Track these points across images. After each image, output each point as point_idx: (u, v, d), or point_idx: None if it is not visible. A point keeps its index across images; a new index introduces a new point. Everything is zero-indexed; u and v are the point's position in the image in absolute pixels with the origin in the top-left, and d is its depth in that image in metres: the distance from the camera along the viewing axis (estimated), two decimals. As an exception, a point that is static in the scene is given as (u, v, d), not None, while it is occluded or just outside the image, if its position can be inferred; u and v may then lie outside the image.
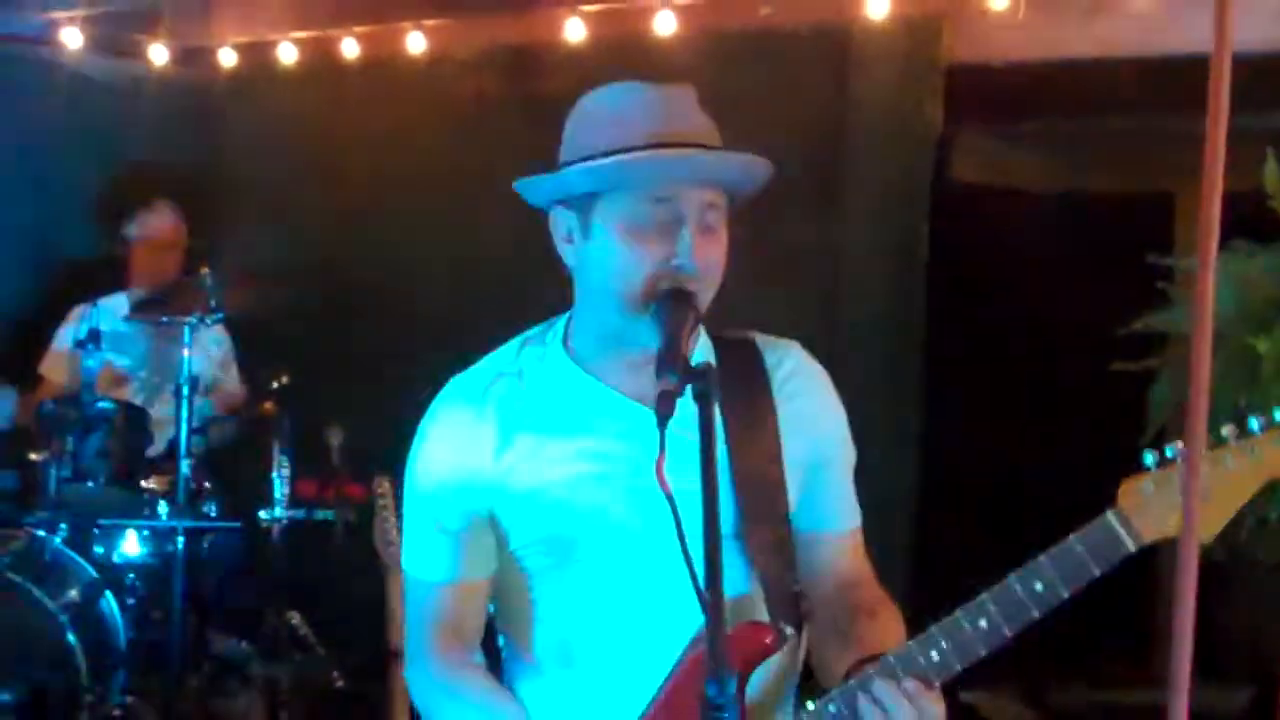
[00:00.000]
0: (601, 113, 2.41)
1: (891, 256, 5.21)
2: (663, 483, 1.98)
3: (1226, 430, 2.12)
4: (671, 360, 2.10)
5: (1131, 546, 2.14)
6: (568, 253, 2.44)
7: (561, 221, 2.43)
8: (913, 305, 5.16)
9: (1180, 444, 2.08)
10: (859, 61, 5.23)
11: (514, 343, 2.59)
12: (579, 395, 2.45)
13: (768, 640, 2.30)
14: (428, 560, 2.49)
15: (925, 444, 5.12)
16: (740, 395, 2.44)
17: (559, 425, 2.44)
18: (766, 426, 2.46)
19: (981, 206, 5.71)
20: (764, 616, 2.38)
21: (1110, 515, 2.15)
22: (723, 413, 2.34)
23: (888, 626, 2.42)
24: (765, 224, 3.28)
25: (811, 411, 2.52)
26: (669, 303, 2.24)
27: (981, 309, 5.61)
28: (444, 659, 2.48)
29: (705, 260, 2.29)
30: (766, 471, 2.45)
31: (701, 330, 2.48)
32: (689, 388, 2.08)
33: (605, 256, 2.34)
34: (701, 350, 2.47)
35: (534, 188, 2.47)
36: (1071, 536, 2.16)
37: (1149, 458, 2.15)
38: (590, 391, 2.44)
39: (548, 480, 2.41)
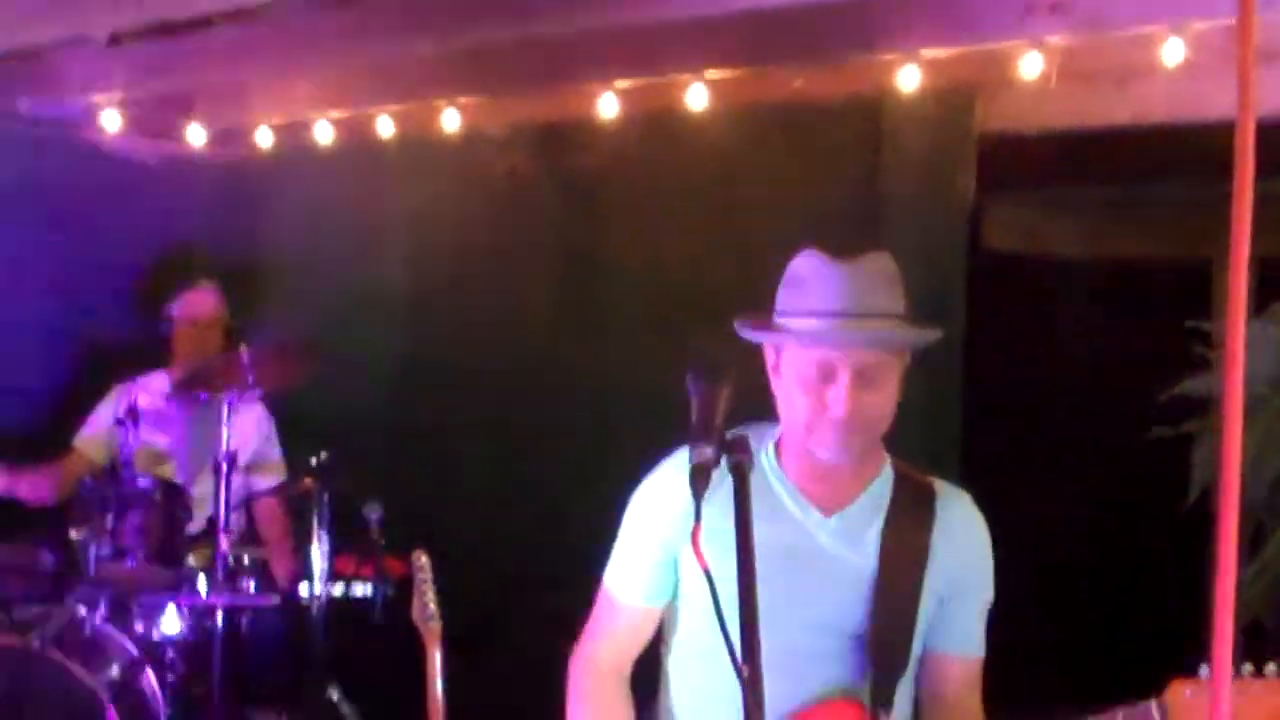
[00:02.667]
0: (796, 278, 2.85)
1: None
2: (699, 556, 2.04)
3: (1270, 669, 2.29)
4: (705, 433, 2.15)
5: None
6: (772, 381, 2.89)
7: (769, 355, 2.90)
8: (950, 375, 5.15)
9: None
10: (891, 133, 5.24)
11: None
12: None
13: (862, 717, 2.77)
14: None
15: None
16: (905, 526, 2.90)
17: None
18: (917, 558, 2.88)
19: (1016, 275, 5.70)
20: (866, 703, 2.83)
21: (1154, 705, 2.47)
22: (885, 535, 2.88)
23: None
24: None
25: (962, 554, 2.96)
26: (702, 375, 2.29)
27: (1019, 378, 5.59)
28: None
29: (855, 406, 2.73)
30: (905, 593, 2.86)
31: (887, 461, 2.99)
32: (724, 460, 2.15)
33: (785, 396, 2.84)
34: (883, 480, 2.95)
35: (743, 334, 2.90)
36: (1119, 711, 2.36)
37: (1204, 670, 2.42)
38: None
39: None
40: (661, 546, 2.98)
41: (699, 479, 2.17)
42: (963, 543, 2.98)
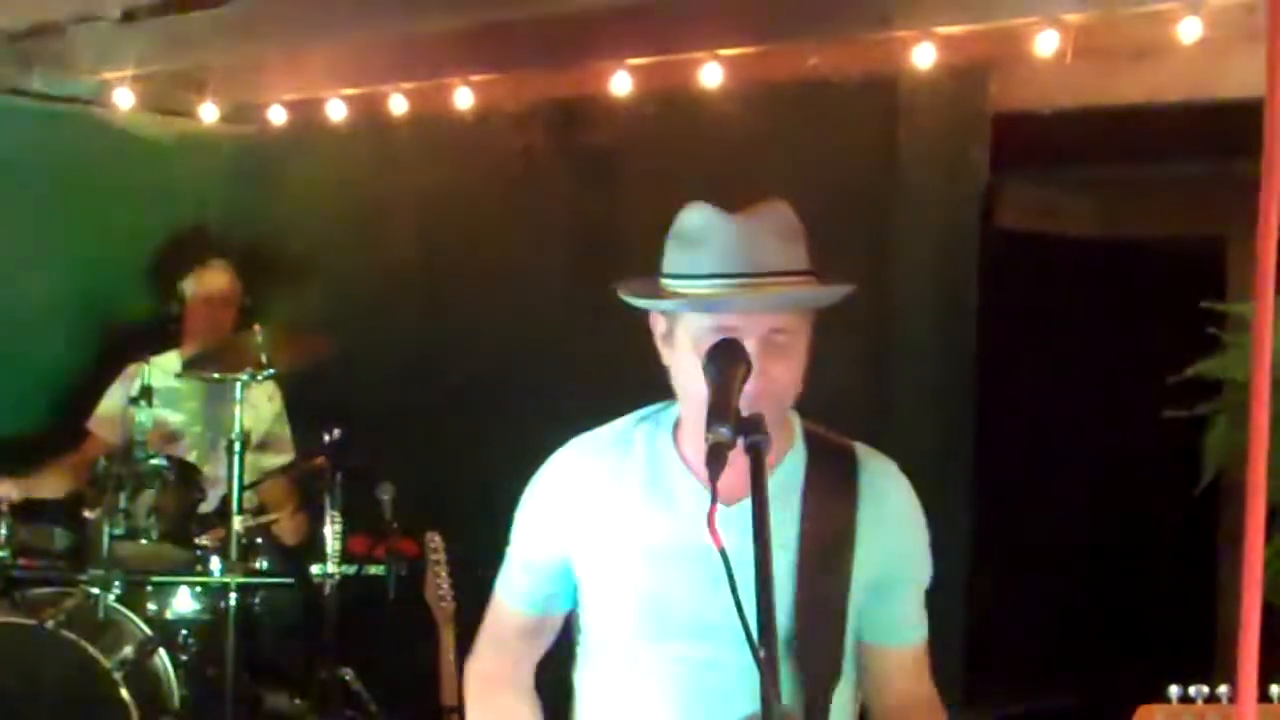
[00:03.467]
0: (686, 236, 2.54)
1: (940, 305, 5.18)
2: (714, 536, 2.00)
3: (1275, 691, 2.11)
4: (722, 412, 2.12)
5: None
6: (663, 352, 2.58)
7: (657, 323, 2.59)
8: (962, 353, 5.13)
9: (1204, 688, 2.07)
10: (906, 111, 5.21)
11: (630, 418, 2.76)
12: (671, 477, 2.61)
13: None
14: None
15: (976, 491, 5.08)
16: (825, 507, 2.57)
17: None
18: (841, 543, 2.55)
19: (1030, 254, 5.68)
20: None
21: None
22: (803, 520, 2.55)
23: None
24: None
25: (894, 531, 2.62)
26: (719, 353, 2.25)
27: (1031, 356, 5.57)
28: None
29: (767, 377, 2.39)
30: (830, 587, 2.54)
31: (799, 432, 2.64)
32: (741, 440, 2.10)
33: (681, 370, 2.51)
34: (795, 455, 2.61)
35: (631, 302, 2.59)
36: None
37: (1173, 690, 2.13)
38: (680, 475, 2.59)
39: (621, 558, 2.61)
40: (554, 548, 2.71)
41: (716, 459, 2.08)
42: (893, 518, 2.63)
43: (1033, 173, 5.69)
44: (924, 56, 4.98)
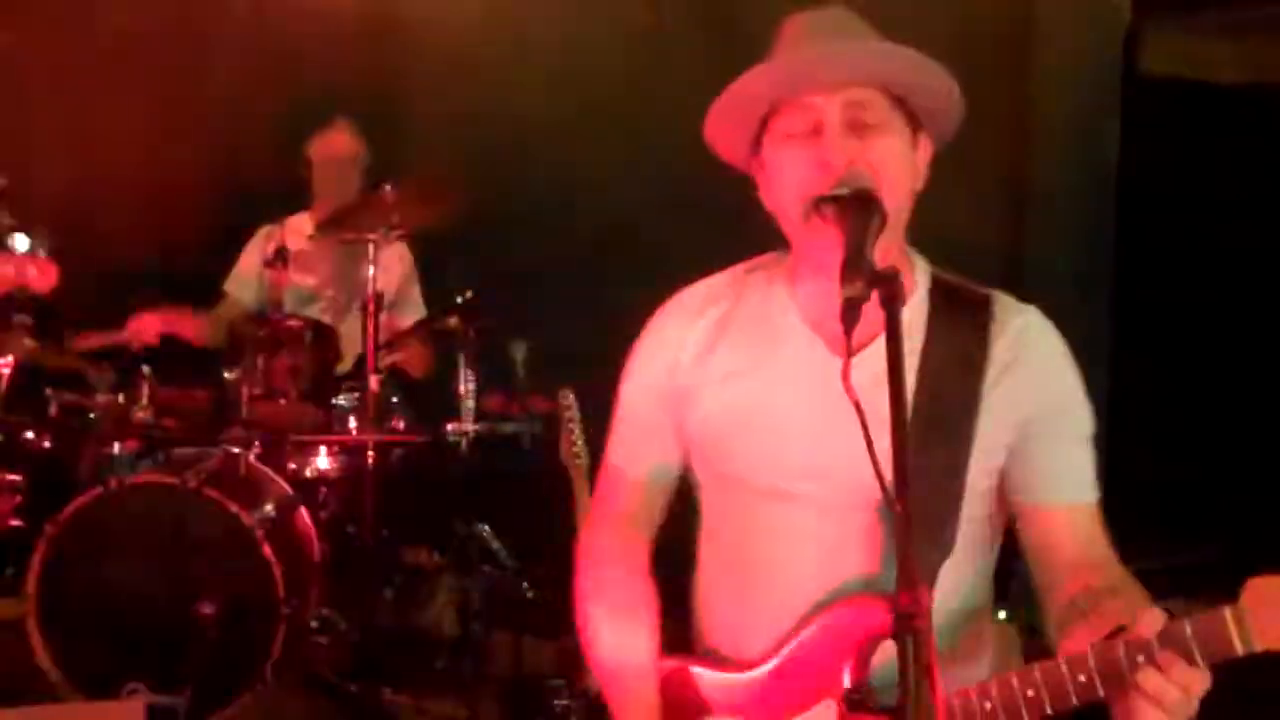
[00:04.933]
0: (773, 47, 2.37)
1: (1081, 156, 5.06)
2: (849, 390, 1.95)
3: None
4: (855, 265, 2.05)
5: (1240, 650, 1.92)
6: (767, 201, 2.41)
7: (757, 177, 2.42)
8: (1102, 205, 5.02)
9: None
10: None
11: (742, 267, 2.62)
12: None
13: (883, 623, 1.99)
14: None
15: (1114, 359, 4.97)
16: (948, 354, 2.36)
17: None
18: (965, 393, 2.33)
19: (1174, 102, 5.51)
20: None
21: (1227, 612, 1.93)
22: (921, 369, 2.34)
23: (1132, 601, 2.17)
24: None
25: (1031, 377, 2.37)
26: (848, 206, 2.18)
27: (1174, 210, 5.43)
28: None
29: (853, 159, 2.24)
30: (947, 448, 2.31)
31: (922, 270, 2.45)
32: (875, 293, 2.03)
33: (770, 179, 2.36)
34: (918, 298, 2.41)
35: (717, 139, 2.45)
36: (1184, 621, 1.95)
37: None
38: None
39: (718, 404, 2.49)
40: (662, 403, 2.56)
41: (850, 313, 1.99)
42: (1032, 367, 2.37)
43: (1177, 17, 5.50)
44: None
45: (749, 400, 2.43)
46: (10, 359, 4.92)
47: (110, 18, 5.89)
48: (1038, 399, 2.36)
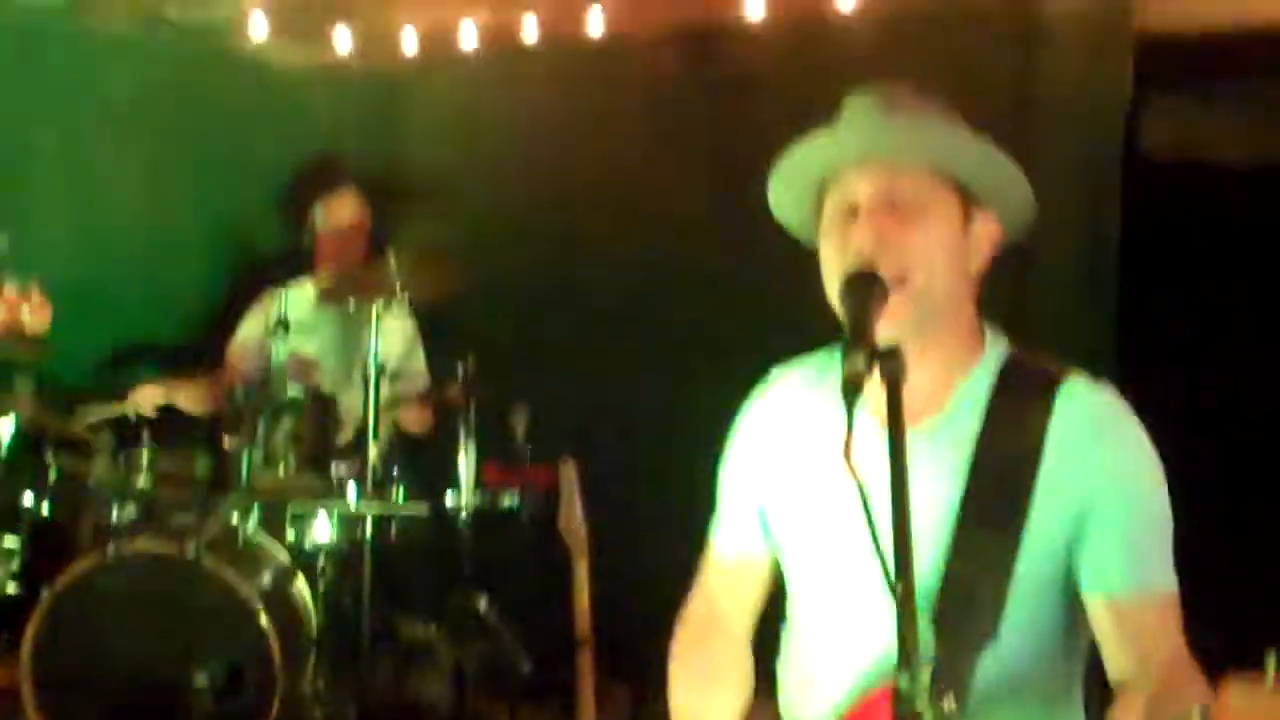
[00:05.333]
0: None
1: (1082, 235, 5.06)
2: (850, 468, 1.94)
3: None
4: (858, 341, 2.04)
5: None
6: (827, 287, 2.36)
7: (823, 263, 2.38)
8: (1105, 285, 5.02)
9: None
10: (1046, 34, 5.10)
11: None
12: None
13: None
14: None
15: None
16: (1008, 433, 2.30)
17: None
18: (1023, 471, 2.26)
19: (1176, 181, 5.52)
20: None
21: (1195, 711, 1.80)
22: (978, 448, 2.30)
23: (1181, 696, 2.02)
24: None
25: (1092, 457, 2.26)
26: (852, 282, 2.18)
27: (1178, 285, 5.42)
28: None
29: (885, 241, 2.22)
30: (998, 528, 2.25)
31: (992, 345, 2.41)
32: (877, 371, 2.02)
33: (825, 277, 2.33)
34: (982, 372, 2.37)
35: (777, 207, 2.48)
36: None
37: (1272, 660, 1.84)
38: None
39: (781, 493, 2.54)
40: (752, 489, 2.58)
41: (852, 390, 1.96)
42: (1094, 447, 2.26)
43: (1178, 96, 5.51)
44: (1065, -25, 4.87)
45: (819, 488, 2.44)
46: (10, 418, 4.92)
47: (112, 79, 5.91)
48: (1094, 488, 2.26)
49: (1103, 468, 2.26)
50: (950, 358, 2.37)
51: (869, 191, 2.26)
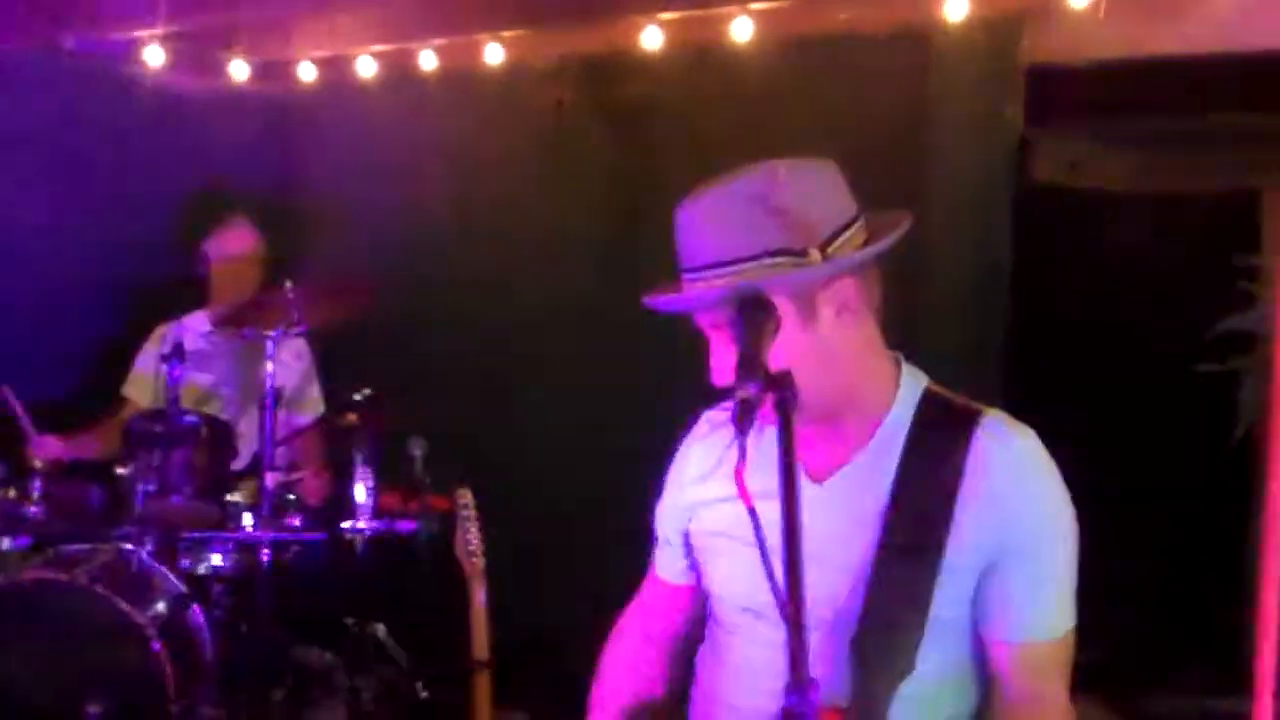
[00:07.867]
0: None
1: (973, 262, 5.14)
2: (743, 494, 1.96)
3: None
4: (749, 368, 2.07)
5: None
6: None
7: None
8: (996, 309, 5.10)
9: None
10: (938, 64, 5.18)
11: None
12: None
13: None
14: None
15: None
16: (924, 474, 2.35)
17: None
18: (940, 510, 2.31)
19: (1064, 208, 5.64)
20: None
21: None
22: (895, 491, 2.35)
23: None
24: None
25: (1003, 499, 2.33)
26: (745, 311, 2.20)
27: (1066, 312, 5.54)
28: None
29: (719, 369, 2.35)
30: (916, 564, 2.30)
31: (906, 389, 2.46)
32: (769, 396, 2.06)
33: None
34: (896, 416, 2.43)
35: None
36: None
37: None
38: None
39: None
40: (674, 519, 2.74)
41: (745, 416, 1.98)
42: (1005, 488, 2.32)
43: (1066, 126, 5.63)
44: (956, 9, 4.96)
45: (728, 523, 2.52)
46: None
47: (2, 107, 5.84)
48: (1001, 523, 2.33)
49: (1019, 513, 2.33)
50: (866, 404, 2.45)
51: (702, 324, 2.39)
